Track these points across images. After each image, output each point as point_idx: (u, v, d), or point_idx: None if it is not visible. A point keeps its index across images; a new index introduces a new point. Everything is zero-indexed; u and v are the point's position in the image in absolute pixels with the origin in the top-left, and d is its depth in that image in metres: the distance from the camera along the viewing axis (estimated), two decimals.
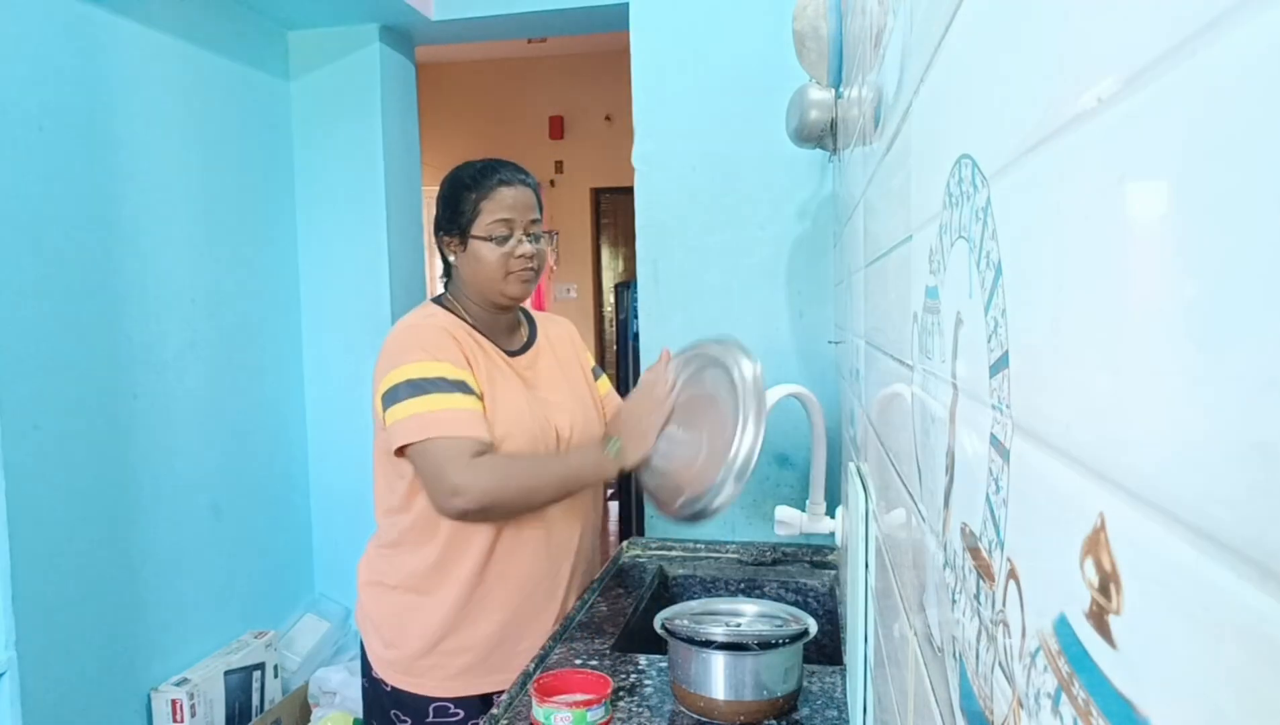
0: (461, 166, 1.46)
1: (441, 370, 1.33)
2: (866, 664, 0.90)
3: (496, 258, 1.40)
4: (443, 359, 1.35)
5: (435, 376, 1.33)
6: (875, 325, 0.88)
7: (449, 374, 1.34)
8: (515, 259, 1.41)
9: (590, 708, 1.17)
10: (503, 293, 1.43)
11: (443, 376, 1.33)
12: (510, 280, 1.42)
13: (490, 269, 1.41)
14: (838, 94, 1.57)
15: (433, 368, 1.33)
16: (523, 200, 1.42)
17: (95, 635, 2.03)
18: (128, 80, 2.16)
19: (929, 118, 0.51)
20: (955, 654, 0.43)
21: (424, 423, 1.30)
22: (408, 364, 1.34)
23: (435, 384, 1.32)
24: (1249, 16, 0.16)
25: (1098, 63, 0.24)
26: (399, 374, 1.33)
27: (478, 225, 1.41)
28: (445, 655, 1.42)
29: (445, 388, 1.32)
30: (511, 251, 1.41)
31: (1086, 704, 0.24)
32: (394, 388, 1.33)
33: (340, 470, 2.81)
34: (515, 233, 1.41)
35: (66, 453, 1.95)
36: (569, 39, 4.99)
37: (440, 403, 1.31)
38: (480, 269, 1.42)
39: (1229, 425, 0.17)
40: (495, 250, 1.40)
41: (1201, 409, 0.18)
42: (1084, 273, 0.25)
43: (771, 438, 2.18)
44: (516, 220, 1.41)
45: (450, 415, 1.31)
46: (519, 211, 1.41)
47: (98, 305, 2.06)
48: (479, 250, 1.41)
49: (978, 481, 0.38)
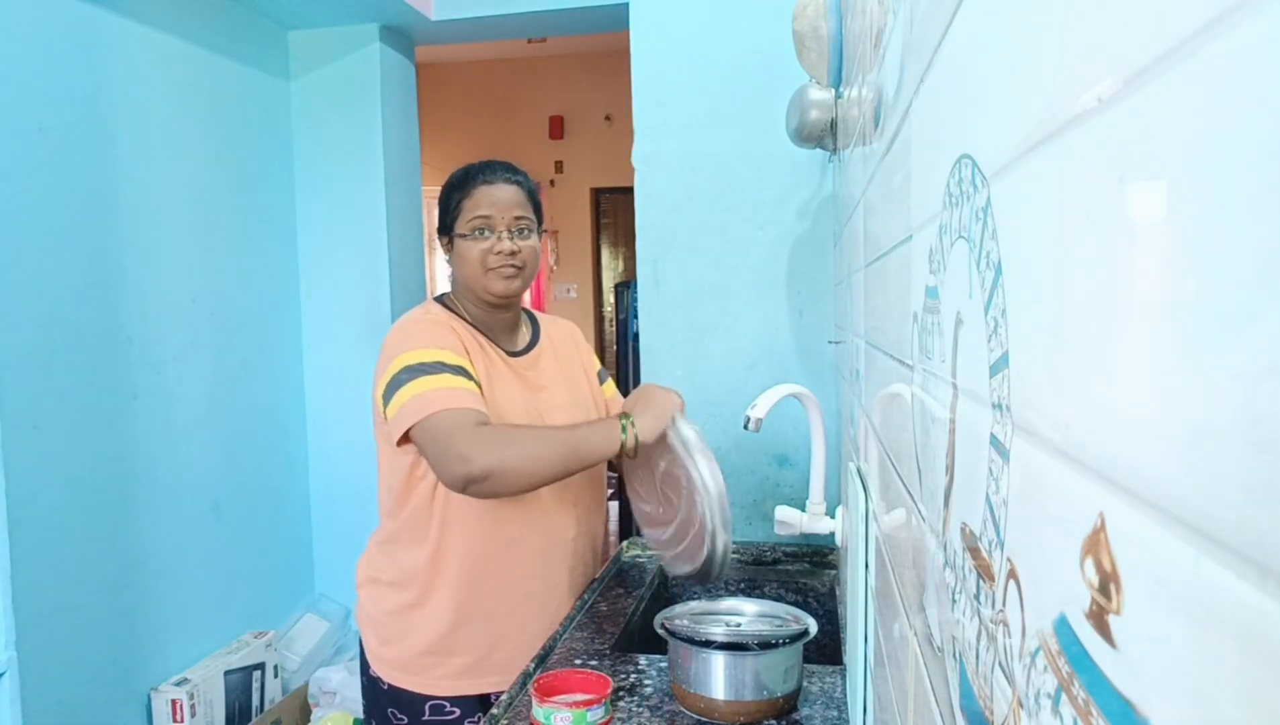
0: (457, 169, 1.49)
1: (439, 356, 1.34)
2: (866, 664, 0.90)
3: (476, 254, 1.42)
4: (440, 346, 1.36)
5: (433, 360, 1.33)
6: (875, 325, 0.88)
7: (447, 359, 1.34)
8: (494, 255, 1.42)
9: (590, 708, 1.17)
10: (486, 289, 1.44)
11: (440, 360, 1.33)
12: (491, 276, 1.42)
13: (472, 266, 1.43)
14: (838, 94, 1.57)
15: (430, 353, 1.34)
16: (504, 197, 1.43)
17: (95, 635, 2.03)
18: (128, 80, 2.16)
19: (929, 118, 0.51)
20: (955, 654, 0.43)
21: (423, 402, 1.29)
22: (404, 353, 1.34)
23: (432, 367, 1.33)
24: (1249, 16, 0.16)
25: (1098, 63, 0.24)
26: (397, 364, 1.34)
27: (460, 223, 1.43)
28: (442, 654, 1.42)
29: (443, 370, 1.33)
30: (491, 248, 1.42)
31: (1086, 704, 0.24)
32: (394, 377, 1.33)
33: (340, 470, 2.81)
34: (495, 229, 1.42)
35: (66, 453, 1.95)
36: (569, 39, 5.00)
37: (439, 382, 1.31)
38: (464, 266, 1.44)
39: (1229, 425, 0.17)
40: (475, 246, 1.42)
41: (1201, 409, 0.18)
42: (1084, 273, 0.25)
43: (771, 438, 2.19)
44: (496, 216, 1.42)
45: (449, 392, 1.30)
46: (499, 208, 1.42)
47: (98, 305, 2.06)
48: (462, 247, 1.44)
49: (978, 481, 0.38)
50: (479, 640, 1.42)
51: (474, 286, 1.45)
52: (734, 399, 2.22)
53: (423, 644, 1.42)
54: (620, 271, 6.36)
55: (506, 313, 1.50)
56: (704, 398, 2.26)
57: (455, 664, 1.42)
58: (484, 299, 1.46)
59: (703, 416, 2.27)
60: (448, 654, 1.42)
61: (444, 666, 1.42)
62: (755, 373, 2.20)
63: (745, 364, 2.21)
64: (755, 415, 1.54)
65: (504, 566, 1.42)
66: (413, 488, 1.40)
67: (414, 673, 1.42)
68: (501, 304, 1.48)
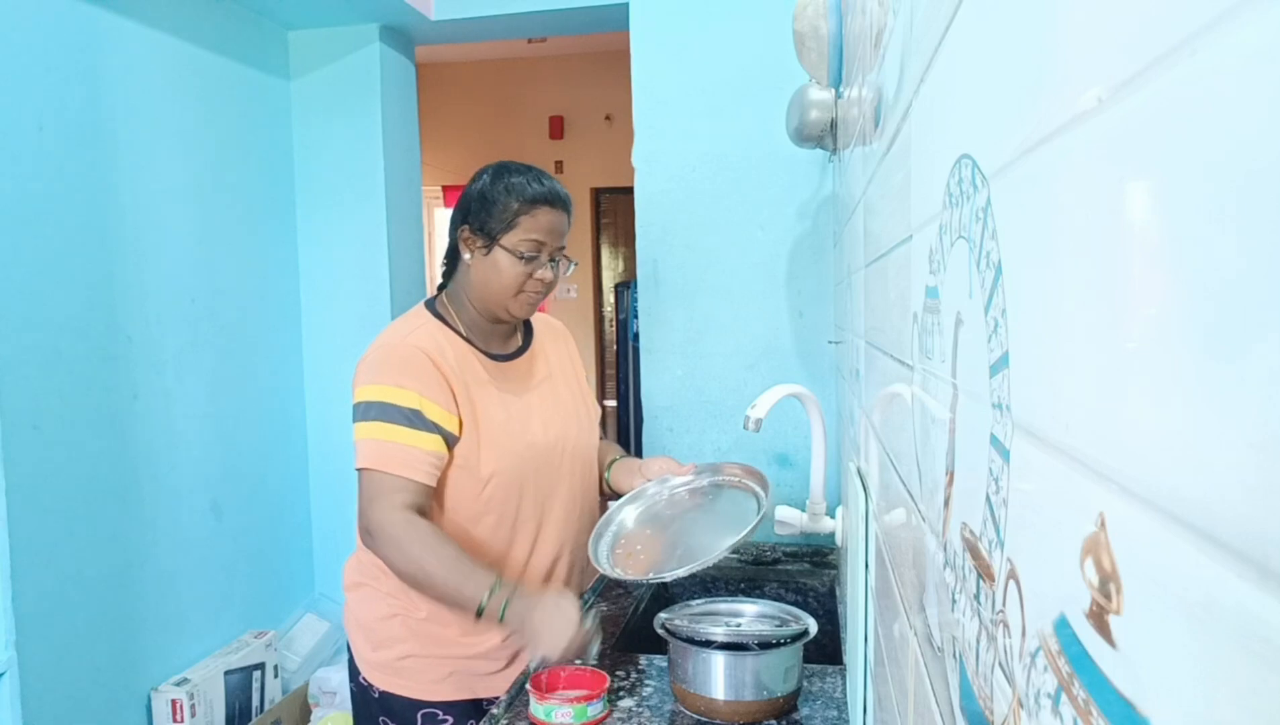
0: (506, 166, 1.41)
1: (405, 398, 1.31)
2: (866, 664, 0.90)
3: (516, 274, 1.37)
4: (408, 387, 1.32)
5: (396, 404, 1.31)
6: (875, 325, 0.88)
7: (411, 403, 1.31)
8: (533, 281, 1.39)
9: (589, 702, 1.18)
10: (507, 309, 1.41)
11: (402, 405, 1.31)
12: (519, 300, 1.40)
13: (505, 284, 1.38)
14: (838, 94, 1.57)
15: (396, 395, 1.31)
16: (559, 225, 1.40)
17: (95, 635, 2.03)
18: (128, 80, 2.16)
19: (929, 118, 0.51)
20: (955, 654, 0.43)
21: (372, 450, 1.30)
22: (375, 385, 1.33)
23: (395, 413, 1.31)
24: (1248, 17, 0.16)
25: (1098, 62, 0.24)
26: (366, 392, 1.33)
27: (509, 237, 1.37)
28: (434, 659, 1.40)
29: (402, 419, 1.31)
30: (532, 273, 1.38)
31: (1086, 704, 0.24)
32: (360, 404, 1.33)
33: (340, 470, 2.81)
34: (542, 255, 1.39)
35: (66, 453, 1.95)
36: (569, 39, 5.00)
37: (394, 434, 1.30)
38: (495, 279, 1.38)
39: (1229, 425, 0.17)
40: (518, 266, 1.37)
41: (1201, 409, 0.18)
42: (1084, 273, 0.25)
43: (771, 438, 2.19)
44: (548, 244, 1.39)
45: (398, 450, 1.30)
46: (552, 236, 1.39)
47: (98, 305, 2.06)
48: (501, 261, 1.37)
49: (978, 481, 0.38)
50: (471, 644, 1.41)
51: (492, 302, 1.40)
52: (734, 399, 2.22)
53: (414, 649, 1.40)
54: (620, 271, 6.36)
55: (505, 324, 1.48)
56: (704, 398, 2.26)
57: (447, 669, 1.40)
58: (495, 315, 1.42)
59: (703, 416, 2.28)
60: (440, 659, 1.40)
61: (437, 670, 1.40)
62: (755, 373, 2.20)
63: (745, 364, 2.21)
64: (755, 415, 1.54)
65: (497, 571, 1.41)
66: None
67: (406, 676, 1.40)
68: (508, 322, 1.46)
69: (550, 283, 1.41)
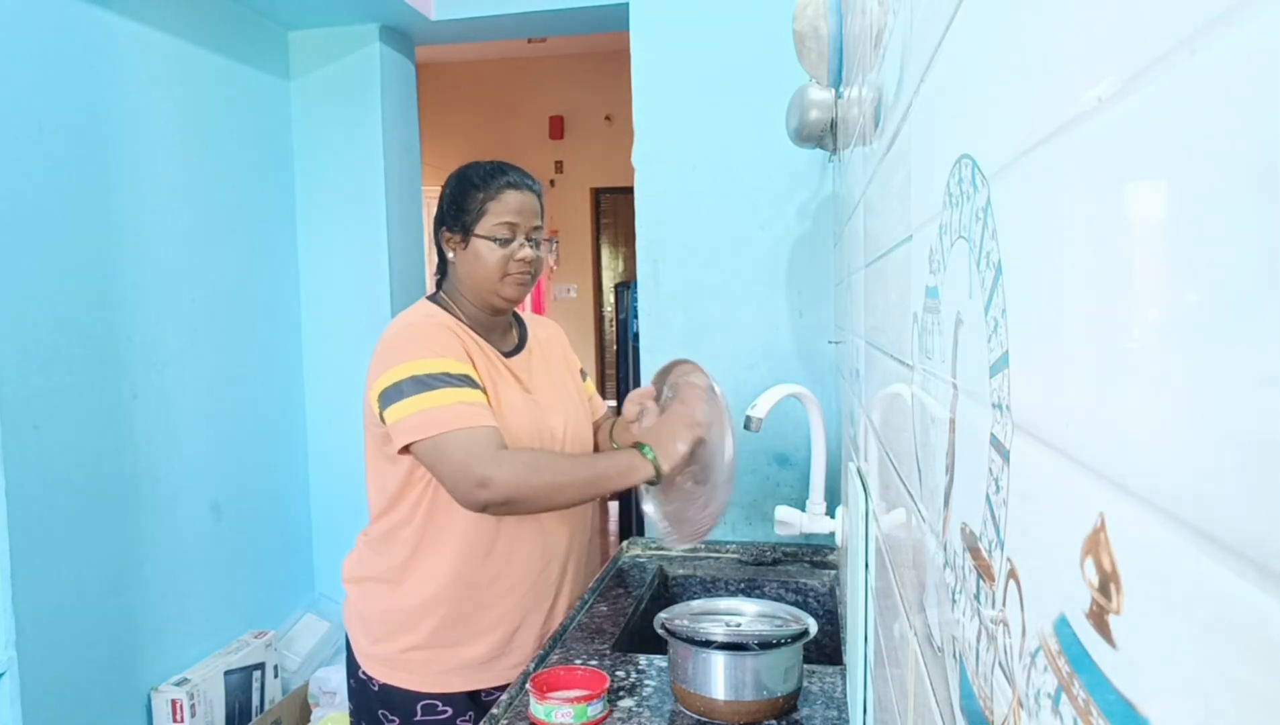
0: (470, 165, 1.47)
1: (445, 366, 1.33)
2: (866, 664, 0.90)
3: (497, 259, 1.41)
4: (445, 355, 1.34)
5: (439, 372, 1.32)
6: (875, 325, 0.88)
7: (453, 369, 1.33)
8: (514, 262, 1.42)
9: (589, 702, 1.18)
10: (498, 294, 1.43)
11: (446, 371, 1.32)
12: (507, 282, 1.43)
13: (489, 269, 1.42)
14: (838, 94, 1.57)
15: (436, 364, 1.33)
16: (528, 205, 1.44)
17: (95, 635, 2.03)
18: (128, 80, 2.16)
19: (929, 118, 0.51)
20: (955, 654, 0.43)
21: (433, 418, 1.29)
22: (409, 361, 1.33)
23: (440, 379, 1.31)
24: (1248, 16, 0.16)
25: (1098, 63, 0.24)
26: (401, 371, 1.32)
27: (482, 225, 1.42)
28: (435, 650, 1.41)
29: (451, 382, 1.32)
30: (512, 254, 1.42)
31: (1086, 704, 0.24)
32: (395, 385, 1.32)
33: (340, 470, 2.81)
34: (517, 236, 1.43)
35: (66, 453, 1.95)
36: (569, 39, 5.00)
37: (449, 397, 1.30)
38: (479, 268, 1.42)
39: (1229, 425, 0.17)
40: (496, 251, 1.41)
41: (1201, 409, 0.18)
42: (1084, 273, 0.25)
43: (771, 438, 2.19)
44: (520, 224, 1.43)
45: (462, 409, 1.30)
46: (523, 216, 1.43)
47: (98, 305, 2.06)
48: (480, 249, 1.42)
49: (978, 481, 0.38)
50: (472, 637, 1.42)
51: (483, 290, 1.44)
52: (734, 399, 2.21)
53: (414, 641, 1.41)
54: (620, 271, 6.36)
55: (502, 315, 1.51)
56: None
57: (447, 661, 1.42)
58: (489, 302, 1.45)
59: None
60: (440, 651, 1.42)
61: (437, 662, 1.42)
62: (755, 373, 2.20)
63: (745, 364, 2.21)
64: (755, 415, 1.54)
65: (498, 566, 1.42)
66: (408, 492, 1.40)
67: (406, 669, 1.42)
68: (504, 308, 1.48)
69: (533, 261, 1.44)
